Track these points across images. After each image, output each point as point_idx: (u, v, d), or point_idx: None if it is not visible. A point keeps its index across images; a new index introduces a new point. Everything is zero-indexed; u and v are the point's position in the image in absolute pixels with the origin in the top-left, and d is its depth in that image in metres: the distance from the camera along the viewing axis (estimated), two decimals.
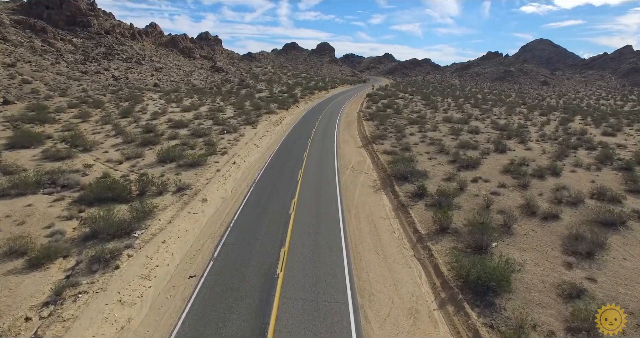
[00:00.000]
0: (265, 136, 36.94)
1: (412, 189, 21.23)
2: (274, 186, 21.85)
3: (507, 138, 39.16)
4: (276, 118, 47.46)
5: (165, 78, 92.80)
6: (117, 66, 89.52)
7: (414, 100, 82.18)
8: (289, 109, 56.49)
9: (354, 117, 52.17)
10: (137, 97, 58.58)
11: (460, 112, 62.12)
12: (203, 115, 44.97)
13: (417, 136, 38.12)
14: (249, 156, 29.31)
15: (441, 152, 30.94)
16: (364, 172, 25.63)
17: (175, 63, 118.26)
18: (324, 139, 36.24)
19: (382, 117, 48.17)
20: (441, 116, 55.38)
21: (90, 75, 78.66)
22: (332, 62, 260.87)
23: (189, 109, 49.39)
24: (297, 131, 40.58)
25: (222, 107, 51.75)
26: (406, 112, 58.50)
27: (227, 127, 37.40)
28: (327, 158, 28.75)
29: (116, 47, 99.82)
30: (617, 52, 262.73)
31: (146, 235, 15.34)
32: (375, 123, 45.54)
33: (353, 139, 36.75)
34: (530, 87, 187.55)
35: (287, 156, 29.13)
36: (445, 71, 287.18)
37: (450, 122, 48.65)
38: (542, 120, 56.28)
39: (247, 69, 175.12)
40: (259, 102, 58.27)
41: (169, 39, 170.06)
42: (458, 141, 35.64)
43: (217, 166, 25.50)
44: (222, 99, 62.69)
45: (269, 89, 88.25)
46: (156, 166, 25.17)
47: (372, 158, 29.20)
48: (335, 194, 20.63)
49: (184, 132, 35.47)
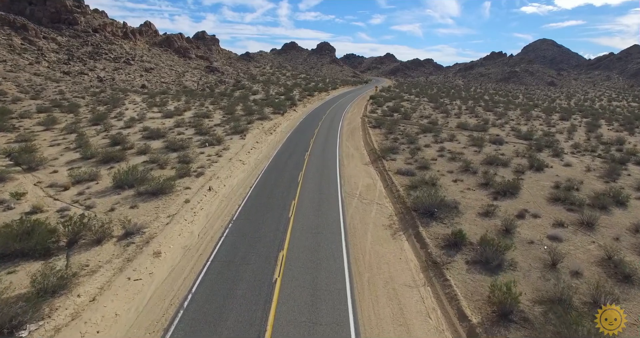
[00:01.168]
0: (255, 148, 31.37)
1: (444, 234, 15.70)
2: (257, 228, 16.29)
3: (536, 149, 33.68)
4: (270, 125, 41.89)
5: (155, 79, 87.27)
6: (103, 66, 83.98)
7: (420, 102, 76.60)
8: (285, 114, 50.93)
9: (357, 124, 46.59)
10: (117, 101, 53.06)
11: (473, 116, 56.58)
12: (186, 122, 39.42)
13: (433, 148, 32.57)
14: (231, 177, 23.74)
15: (467, 171, 25.41)
16: (376, 202, 20.07)
17: (168, 63, 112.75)
18: (324, 152, 30.67)
19: (390, 124, 42.62)
20: (455, 121, 49.82)
21: (73, 76, 73.16)
22: (333, 62, 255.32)
23: (172, 114, 43.84)
24: (293, 142, 35.03)
25: (210, 113, 46.20)
26: (415, 117, 52.95)
27: (210, 138, 31.85)
28: (328, 181, 23.17)
29: (104, 46, 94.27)
30: (623, 52, 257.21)
31: (46, 328, 9.80)
32: (382, 131, 39.96)
33: (358, 153, 31.17)
34: (536, 88, 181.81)
35: (278, 178, 23.58)
36: (448, 71, 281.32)
37: (466, 130, 43.13)
38: (565, 126, 50.77)
39: (244, 69, 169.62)
40: (252, 107, 52.74)
41: (164, 38, 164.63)
42: (483, 156, 30.13)
43: (188, 194, 19.96)
44: (212, 103, 57.13)
45: (265, 91, 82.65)
46: (110, 194, 19.66)
47: (384, 180, 23.63)
48: (339, 244, 15.05)
49: (157, 145, 29.91)
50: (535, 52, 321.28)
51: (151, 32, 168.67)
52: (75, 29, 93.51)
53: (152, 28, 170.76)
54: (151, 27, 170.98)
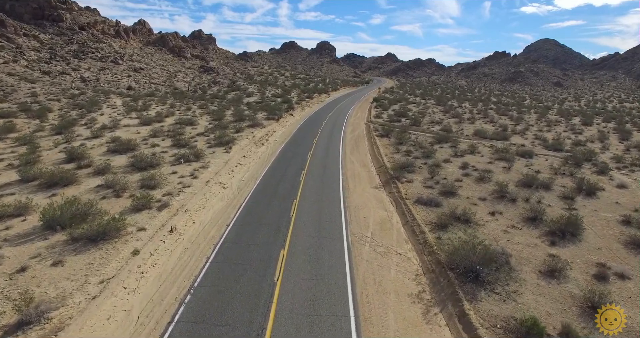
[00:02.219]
0: (241, 165, 26.11)
1: (503, 316, 10.53)
2: (224, 307, 11.01)
3: (574, 164, 28.52)
4: (262, 134, 36.62)
5: (144, 80, 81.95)
6: (88, 66, 78.66)
7: (427, 105, 71.41)
8: (280, 119, 45.65)
9: (362, 131, 41.34)
10: (95, 104, 47.82)
11: (488, 122, 51.40)
12: (164, 131, 34.17)
13: (454, 163, 27.36)
14: (205, 209, 18.49)
15: (503, 197, 20.23)
16: (394, 250, 14.85)
17: (160, 63, 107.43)
18: (324, 171, 25.40)
19: (400, 132, 37.42)
20: (470, 128, 44.64)
21: (53, 76, 67.84)
22: (333, 62, 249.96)
23: (151, 121, 38.59)
24: (288, 156, 29.79)
25: (195, 119, 40.93)
26: (425, 122, 47.73)
27: (188, 152, 26.60)
28: (330, 215, 17.89)
29: (91, 44, 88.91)
30: (629, 52, 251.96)
31: None
32: (391, 141, 34.72)
33: (366, 171, 25.91)
34: (542, 88, 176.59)
35: (265, 211, 18.34)
36: (450, 71, 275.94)
37: (486, 139, 37.96)
38: (592, 132, 45.66)
39: (242, 69, 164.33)
40: (243, 111, 47.49)
41: (158, 38, 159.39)
42: (516, 174, 24.98)
43: (141, 238, 14.75)
44: (200, 106, 51.86)
45: (261, 93, 77.35)
46: (34, 239, 14.49)
47: (402, 212, 18.39)
48: (348, 334, 9.84)
49: (122, 161, 24.66)
50: (538, 52, 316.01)
51: (145, 30, 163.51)
52: (59, 27, 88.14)
53: (146, 27, 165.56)
54: (145, 26, 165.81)
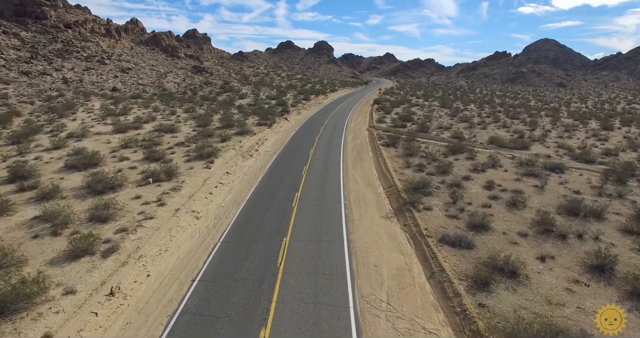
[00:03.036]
0: (222, 185, 21.75)
1: None
2: None
3: (616, 179, 24.40)
4: (251, 143, 32.25)
5: (131, 80, 77.42)
6: (72, 66, 74.08)
7: (432, 107, 67.20)
8: (273, 124, 41.28)
9: (364, 139, 37.05)
10: (69, 108, 43.38)
11: (501, 126, 47.22)
12: (139, 140, 29.78)
13: (476, 181, 23.12)
14: (166, 253, 14.14)
15: (548, 232, 16.02)
16: (420, 324, 10.52)
17: (150, 63, 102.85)
18: (322, 193, 21.01)
19: (408, 141, 33.20)
20: (483, 134, 40.45)
21: (32, 76, 63.30)
22: (331, 62, 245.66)
23: (128, 128, 34.18)
24: (279, 172, 25.44)
25: (178, 125, 36.55)
26: (433, 128, 43.50)
27: (160, 168, 22.21)
28: (331, 263, 13.57)
29: (76, 43, 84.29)
30: (632, 52, 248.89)
31: None
32: (399, 152, 30.43)
33: (372, 192, 21.60)
34: (545, 89, 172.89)
35: (244, 256, 14.01)
36: (450, 71, 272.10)
37: (504, 148, 33.78)
38: (615, 137, 41.60)
39: (237, 69, 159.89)
40: (233, 116, 43.14)
41: (151, 37, 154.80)
42: (552, 196, 20.80)
43: (64, 309, 10.40)
44: (187, 110, 47.45)
45: (255, 94, 72.92)
46: None
47: (424, 257, 14.09)
48: None
49: (77, 180, 20.26)
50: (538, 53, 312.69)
51: (138, 30, 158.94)
52: (43, 24, 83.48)
53: (138, 26, 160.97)
54: (138, 25, 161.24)
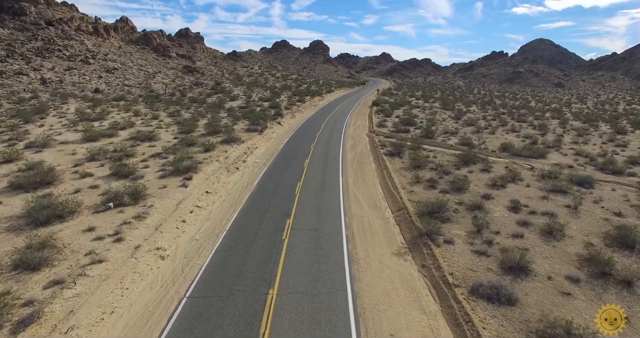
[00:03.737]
0: (199, 210, 18.15)
1: None
2: None
3: None
4: (238, 153, 28.65)
5: (116, 81, 73.33)
6: (53, 65, 69.84)
7: (433, 109, 63.98)
8: (265, 130, 37.70)
9: (365, 147, 33.62)
10: (40, 112, 39.47)
11: (510, 131, 44.06)
12: (110, 151, 26.07)
13: (498, 200, 19.78)
14: (111, 318, 10.52)
15: (605, 276, 12.71)
16: None
17: (139, 63, 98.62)
18: (318, 221, 17.42)
19: (413, 150, 29.87)
20: (492, 140, 37.24)
21: (6, 76, 59.10)
22: (327, 61, 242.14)
23: (100, 135, 30.42)
24: (268, 190, 21.84)
25: (158, 132, 32.86)
26: (439, 132, 40.20)
27: (126, 187, 18.54)
28: (331, 336, 10.14)
29: (58, 41, 79.97)
30: (627, 52, 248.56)
31: None
32: (405, 163, 27.03)
33: (379, 217, 18.13)
34: (543, 89, 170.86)
35: (216, 321, 10.48)
36: (447, 71, 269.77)
37: (519, 156, 30.59)
38: (635, 143, 38.63)
39: (230, 69, 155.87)
40: (221, 120, 39.52)
41: (141, 36, 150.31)
42: (591, 219, 17.54)
43: None
44: (171, 114, 43.70)
45: (247, 96, 69.21)
46: None
47: (454, 321, 10.64)
48: None
49: (16, 207, 16.55)
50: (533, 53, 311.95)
51: (128, 28, 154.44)
52: (22, 21, 79.08)
53: (129, 24, 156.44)
54: (128, 23, 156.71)
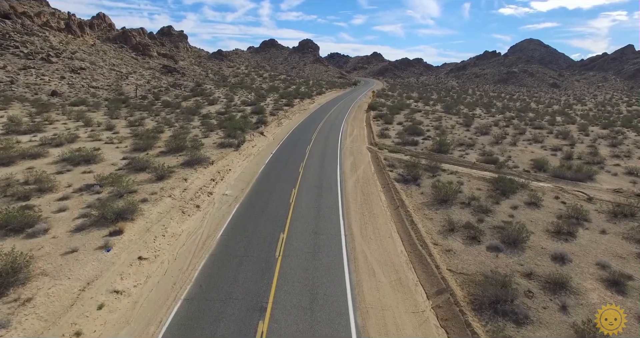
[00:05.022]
0: (115, 300, 11.01)
1: None
2: None
3: None
4: (203, 180, 21.43)
5: (82, 82, 65.12)
6: (5, 63, 61.33)
7: (435, 113, 57.65)
8: (243, 144, 30.50)
9: (368, 168, 26.75)
10: None
11: (532, 141, 37.78)
12: (18, 182, 18.66)
13: (579, 265, 13.11)
14: None
15: None
16: None
17: (112, 62, 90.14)
18: (312, 327, 10.66)
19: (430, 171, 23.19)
20: (517, 153, 30.87)
21: None
22: (317, 61, 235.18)
23: (18, 157, 22.87)
24: (234, 253, 14.78)
25: (101, 151, 25.42)
26: (453, 144, 33.63)
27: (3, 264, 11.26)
28: None
29: (15, 37, 71.26)
30: (617, 52, 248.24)
31: None
32: (425, 195, 20.27)
33: (409, 306, 11.30)
34: (539, 90, 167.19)
35: None
36: (439, 71, 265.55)
37: (562, 179, 24.18)
38: None
39: (216, 69, 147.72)
40: (189, 132, 32.24)
41: (119, 34, 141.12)
42: None
43: None
44: (133, 122, 36.21)
45: (229, 99, 61.73)
46: None
47: None
48: None
49: None
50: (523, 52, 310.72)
51: (105, 25, 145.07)
52: None
53: (106, 21, 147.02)
54: (105, 20, 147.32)
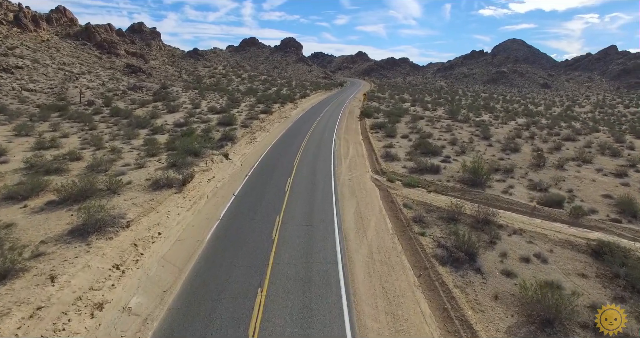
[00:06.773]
0: None
1: None
2: None
3: None
4: (97, 273, 11.98)
5: (14, 84, 53.86)
6: None
7: (440, 120, 49.34)
8: (192, 179, 21.00)
9: (382, 224, 17.79)
10: None
11: (579, 161, 29.70)
12: None
13: None
14: None
15: None
16: None
17: (63, 60, 78.43)
18: None
19: (482, 231, 14.36)
20: (579, 186, 22.58)
21: None
22: (300, 61, 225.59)
23: None
24: None
25: None
26: (485, 170, 25.03)
27: None
28: None
29: None
30: (602, 53, 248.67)
31: None
32: (496, 300, 11.54)
33: None
34: (531, 90, 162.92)
35: None
36: (426, 71, 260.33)
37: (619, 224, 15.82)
38: None
39: (190, 69, 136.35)
40: (117, 160, 22.46)
41: (82, 30, 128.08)
42: None
43: None
44: (38, 143, 26.05)
45: (195, 105, 51.66)
46: None
47: None
48: None
49: None
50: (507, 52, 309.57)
51: (65, 20, 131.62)
52: None
53: (67, 16, 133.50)
54: (66, 15, 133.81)
